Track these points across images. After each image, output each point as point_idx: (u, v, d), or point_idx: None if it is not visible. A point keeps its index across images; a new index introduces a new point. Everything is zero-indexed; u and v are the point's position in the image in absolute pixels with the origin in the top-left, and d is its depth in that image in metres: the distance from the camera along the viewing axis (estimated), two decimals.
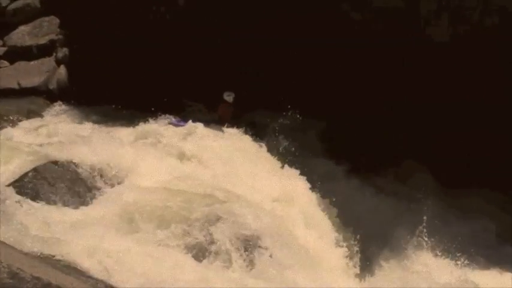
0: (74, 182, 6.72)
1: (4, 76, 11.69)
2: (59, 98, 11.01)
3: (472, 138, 8.47)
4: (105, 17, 10.38)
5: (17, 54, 12.23)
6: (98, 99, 10.24)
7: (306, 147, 8.86)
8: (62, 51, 11.77)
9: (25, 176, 6.43)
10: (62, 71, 11.52)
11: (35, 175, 6.51)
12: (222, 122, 9.11)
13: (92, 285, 4.57)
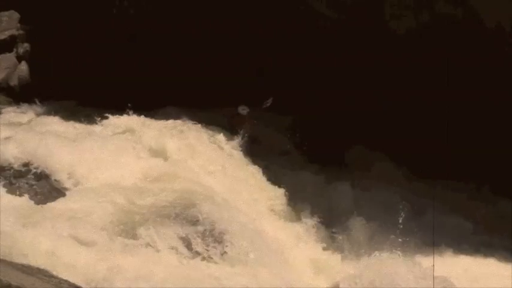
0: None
1: None
2: (20, 94, 10.75)
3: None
4: (68, 11, 10.18)
5: None
6: (61, 96, 10.05)
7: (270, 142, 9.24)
8: (23, 47, 11.42)
9: None
10: (23, 67, 11.19)
11: None
12: (231, 129, 9.44)
13: (55, 284, 4.47)
